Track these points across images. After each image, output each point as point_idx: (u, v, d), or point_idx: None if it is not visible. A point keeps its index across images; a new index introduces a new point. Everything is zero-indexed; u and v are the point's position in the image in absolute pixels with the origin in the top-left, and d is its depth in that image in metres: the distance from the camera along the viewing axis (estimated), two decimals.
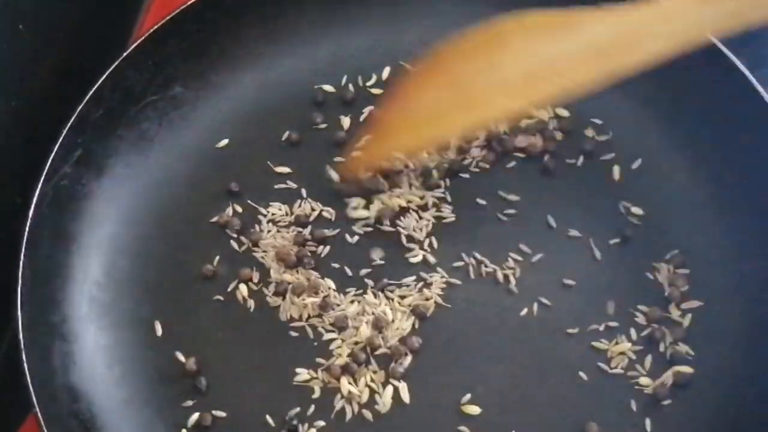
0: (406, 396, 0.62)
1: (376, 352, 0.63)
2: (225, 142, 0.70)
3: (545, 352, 0.63)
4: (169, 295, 0.66)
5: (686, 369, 0.62)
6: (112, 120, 0.67)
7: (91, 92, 0.65)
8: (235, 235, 0.67)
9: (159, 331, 0.65)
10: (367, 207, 0.67)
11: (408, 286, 0.65)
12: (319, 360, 0.63)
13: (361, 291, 0.65)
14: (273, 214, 0.68)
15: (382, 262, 0.65)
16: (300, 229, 0.67)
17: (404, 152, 0.66)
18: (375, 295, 0.64)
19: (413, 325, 0.64)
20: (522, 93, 0.61)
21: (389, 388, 0.62)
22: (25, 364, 0.59)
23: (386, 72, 0.71)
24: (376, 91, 0.71)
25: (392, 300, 0.64)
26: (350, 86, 0.71)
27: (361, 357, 0.63)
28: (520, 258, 0.65)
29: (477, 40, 0.62)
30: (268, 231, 0.67)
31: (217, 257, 0.66)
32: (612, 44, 0.59)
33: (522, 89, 0.61)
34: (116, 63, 0.66)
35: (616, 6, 0.60)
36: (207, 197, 0.68)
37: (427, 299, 0.64)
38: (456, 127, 0.64)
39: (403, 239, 0.66)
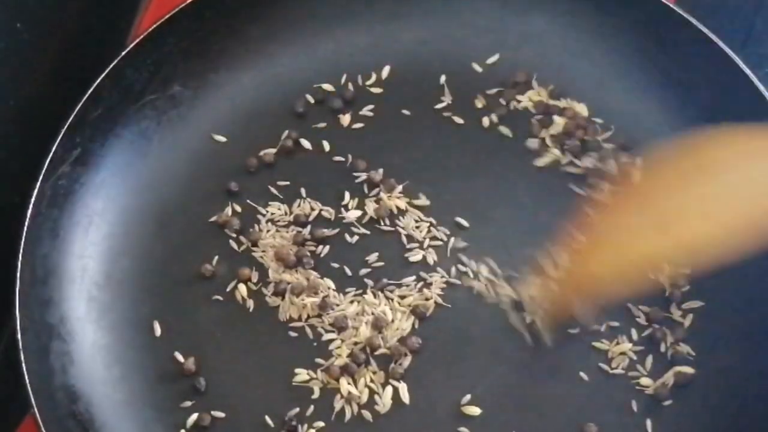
0: (405, 396, 0.62)
1: (376, 353, 0.63)
2: (224, 140, 0.69)
3: (546, 352, 0.63)
4: (168, 295, 0.65)
5: (687, 369, 0.62)
6: (111, 119, 0.67)
7: (90, 91, 0.65)
8: (234, 235, 0.67)
9: (158, 331, 0.64)
10: (360, 207, 0.67)
11: (408, 286, 0.65)
12: (319, 360, 0.63)
13: (360, 291, 0.64)
14: (272, 214, 0.67)
15: (382, 262, 0.65)
16: (299, 229, 0.66)
17: (609, 286, 0.58)
18: (375, 295, 0.64)
19: (413, 325, 0.64)
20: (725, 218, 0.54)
21: (389, 389, 0.62)
22: (23, 365, 0.59)
23: (386, 71, 0.71)
24: (375, 90, 0.70)
25: (392, 300, 0.64)
26: (350, 85, 0.70)
27: (361, 357, 0.62)
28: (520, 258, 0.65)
29: (678, 163, 0.55)
30: (268, 231, 0.67)
31: (216, 257, 0.66)
32: None
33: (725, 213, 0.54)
34: (115, 62, 0.66)
35: None
36: (206, 197, 0.68)
37: (427, 299, 0.64)
38: (659, 257, 0.56)
39: (404, 239, 0.66)
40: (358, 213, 0.67)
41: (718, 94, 0.65)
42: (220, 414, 0.62)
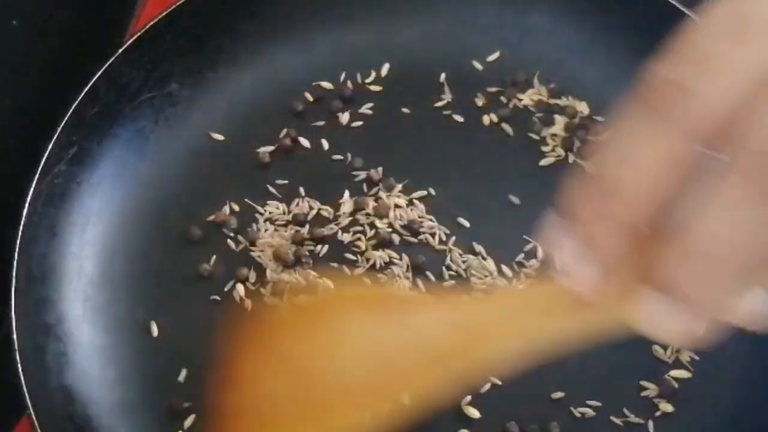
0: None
1: None
2: (221, 139, 0.69)
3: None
4: (165, 295, 0.65)
5: (686, 374, 0.61)
6: (108, 117, 0.66)
7: (86, 89, 0.64)
8: (232, 234, 0.66)
9: (155, 331, 0.64)
10: (360, 205, 0.66)
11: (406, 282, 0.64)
12: None
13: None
14: (270, 213, 0.67)
15: (381, 261, 0.65)
16: (298, 228, 0.66)
17: None
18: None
19: None
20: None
21: None
22: (19, 365, 0.58)
23: (385, 68, 0.70)
24: (375, 88, 0.70)
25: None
26: (348, 83, 0.70)
27: None
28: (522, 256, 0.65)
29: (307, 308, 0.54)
30: (266, 230, 0.66)
31: (214, 257, 0.66)
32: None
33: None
34: (112, 60, 0.65)
35: None
36: (203, 196, 0.67)
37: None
38: None
39: (403, 238, 0.65)
40: (351, 207, 0.66)
41: None
42: (212, 414, 0.62)
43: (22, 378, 0.58)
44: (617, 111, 0.38)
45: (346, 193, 0.67)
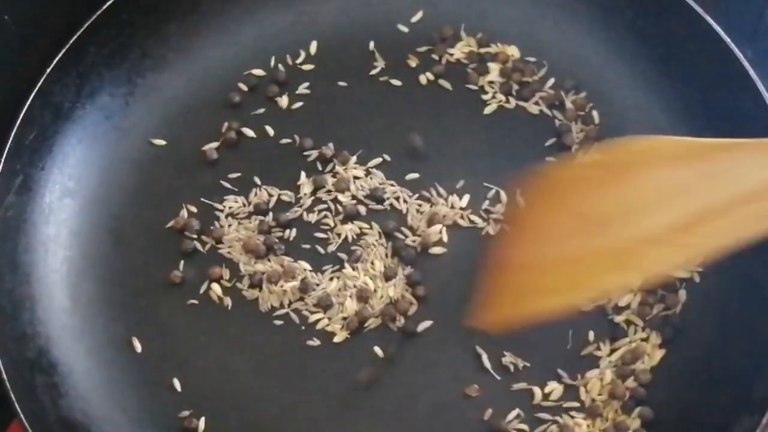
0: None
1: (366, 324, 0.62)
2: (164, 144, 0.67)
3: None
4: (140, 310, 0.63)
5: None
6: (47, 140, 0.64)
7: (22, 115, 0.62)
8: (195, 236, 0.65)
9: (138, 347, 0.62)
10: (318, 184, 0.66)
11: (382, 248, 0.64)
12: (310, 343, 0.62)
13: (337, 267, 0.64)
14: (230, 208, 0.66)
15: (352, 234, 0.65)
16: (261, 218, 0.65)
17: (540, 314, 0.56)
18: (353, 268, 0.64)
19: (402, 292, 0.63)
20: (667, 249, 0.51)
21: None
22: (17, 405, 0.56)
23: (313, 46, 0.70)
24: (307, 67, 0.69)
25: (369, 269, 0.64)
26: (280, 66, 0.69)
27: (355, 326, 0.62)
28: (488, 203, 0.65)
29: (599, 167, 0.54)
30: (229, 225, 0.65)
31: (182, 261, 0.64)
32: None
33: (666, 244, 0.51)
34: (41, 81, 0.63)
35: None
36: (157, 203, 0.66)
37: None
38: (595, 288, 0.54)
39: (368, 206, 0.65)
40: (311, 187, 0.66)
41: (643, 14, 0.67)
42: (219, 416, 0.61)
43: (22, 416, 0.56)
44: None
45: (303, 175, 0.66)
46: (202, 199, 0.66)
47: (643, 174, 0.53)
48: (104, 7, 0.65)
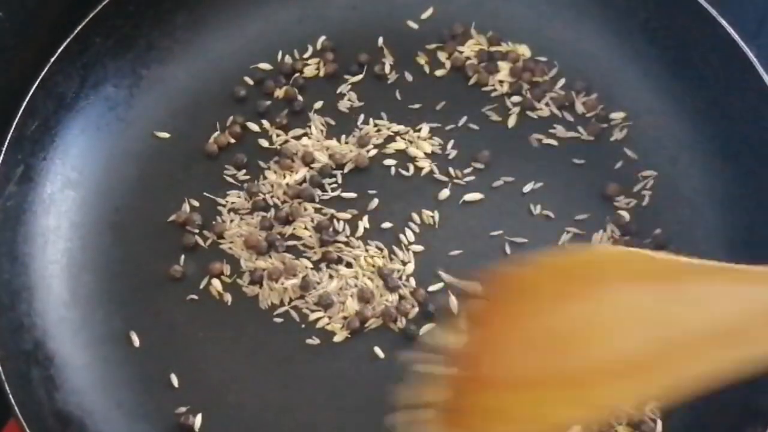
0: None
1: (366, 324, 0.62)
2: (167, 137, 0.67)
3: None
4: (139, 304, 0.63)
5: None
6: (49, 130, 0.64)
7: (24, 105, 0.62)
8: (197, 231, 0.64)
9: (136, 341, 0.62)
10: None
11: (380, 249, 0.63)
12: (309, 342, 0.61)
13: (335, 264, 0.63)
14: (232, 203, 0.65)
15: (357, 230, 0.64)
16: (263, 213, 0.65)
17: None
18: (350, 266, 0.63)
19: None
20: (627, 384, 0.45)
21: None
22: (12, 398, 0.56)
23: (320, 42, 0.69)
24: (313, 61, 0.69)
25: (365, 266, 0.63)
26: (287, 60, 0.69)
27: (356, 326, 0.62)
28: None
29: (565, 274, 0.48)
30: (231, 220, 0.64)
31: (183, 256, 0.64)
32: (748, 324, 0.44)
33: (626, 377, 0.45)
34: (44, 71, 0.63)
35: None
36: (159, 196, 0.65)
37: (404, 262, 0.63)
38: (550, 421, 0.47)
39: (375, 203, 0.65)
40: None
41: (656, 16, 0.66)
42: (216, 413, 0.60)
43: (16, 408, 0.55)
44: None
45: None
46: (204, 194, 0.65)
47: (611, 289, 0.47)
48: None
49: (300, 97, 0.67)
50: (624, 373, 0.45)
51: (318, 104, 0.67)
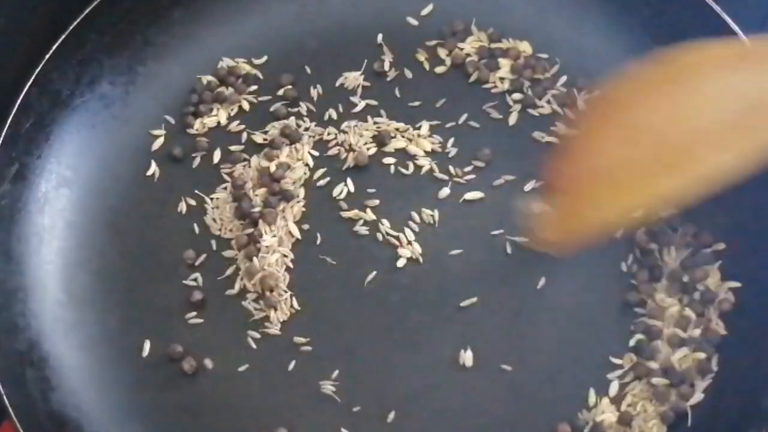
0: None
1: None
2: (162, 133, 0.66)
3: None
4: (135, 304, 0.62)
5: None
6: (44, 128, 0.63)
7: (18, 102, 0.61)
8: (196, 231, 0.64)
9: (132, 342, 0.61)
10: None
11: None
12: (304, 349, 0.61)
13: None
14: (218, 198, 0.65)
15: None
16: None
17: (604, 222, 0.56)
18: None
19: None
20: (731, 142, 0.51)
21: None
22: (5, 399, 0.55)
23: (319, 37, 0.68)
24: (311, 58, 0.68)
25: None
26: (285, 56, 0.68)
27: None
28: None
29: (657, 76, 0.53)
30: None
31: (183, 256, 0.63)
32: None
33: (730, 137, 0.51)
34: (39, 67, 0.62)
35: None
36: (155, 195, 0.65)
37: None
38: (661, 189, 0.53)
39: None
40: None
41: (659, 12, 0.65)
42: (212, 414, 0.59)
43: (11, 410, 0.55)
44: None
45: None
46: (196, 191, 0.64)
47: (695, 81, 0.52)
48: None
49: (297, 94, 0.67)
50: (711, 140, 0.51)
51: (316, 102, 0.67)
